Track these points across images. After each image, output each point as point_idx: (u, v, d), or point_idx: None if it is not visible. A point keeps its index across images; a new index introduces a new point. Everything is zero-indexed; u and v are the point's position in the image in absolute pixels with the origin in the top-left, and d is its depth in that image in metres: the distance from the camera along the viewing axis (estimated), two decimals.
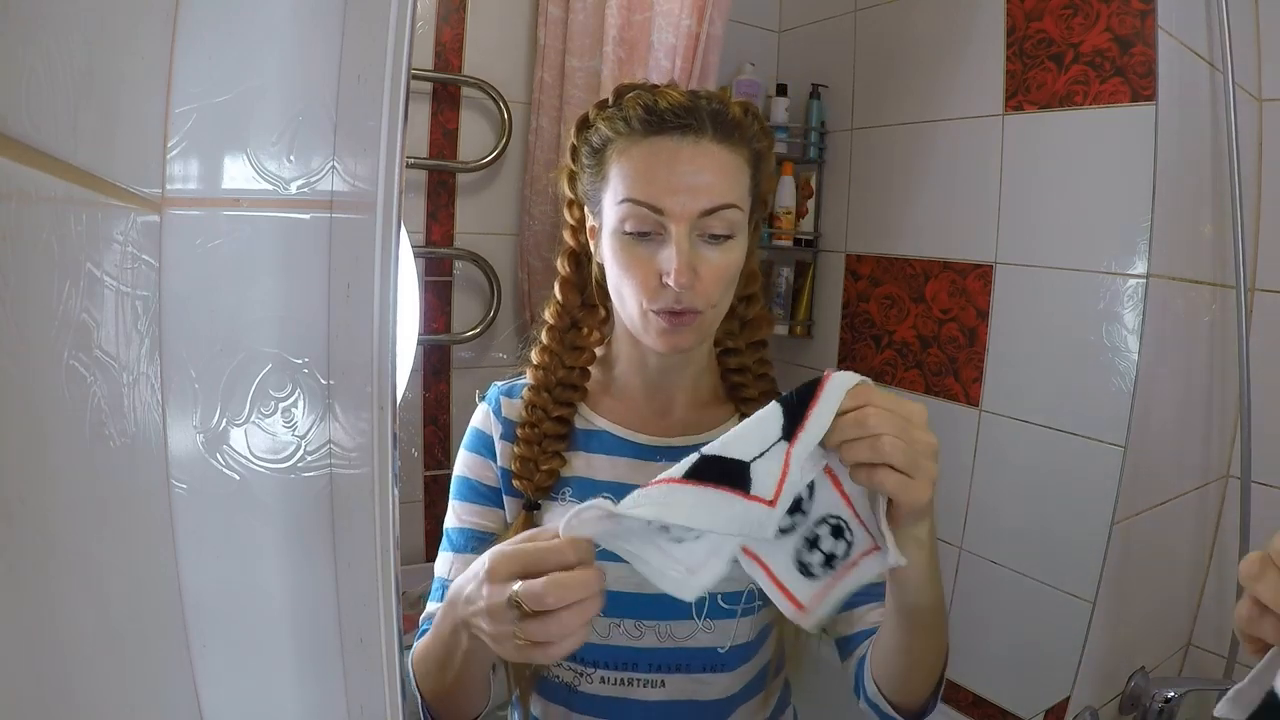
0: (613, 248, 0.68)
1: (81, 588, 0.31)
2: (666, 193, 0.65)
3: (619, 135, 0.68)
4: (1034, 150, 1.31)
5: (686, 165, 0.66)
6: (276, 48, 0.44)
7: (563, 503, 0.72)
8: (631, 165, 0.67)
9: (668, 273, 0.65)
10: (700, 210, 0.65)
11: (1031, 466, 1.32)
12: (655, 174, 0.66)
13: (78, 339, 0.31)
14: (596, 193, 0.71)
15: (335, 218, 0.46)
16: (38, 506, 0.28)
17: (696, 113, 0.66)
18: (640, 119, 0.67)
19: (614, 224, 0.67)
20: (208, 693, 0.44)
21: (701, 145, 0.66)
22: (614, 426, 0.76)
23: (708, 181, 0.66)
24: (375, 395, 0.41)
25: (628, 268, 0.67)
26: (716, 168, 0.66)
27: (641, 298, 0.67)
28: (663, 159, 0.66)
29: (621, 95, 0.72)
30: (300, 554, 0.47)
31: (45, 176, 0.28)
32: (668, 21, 1.25)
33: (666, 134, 0.66)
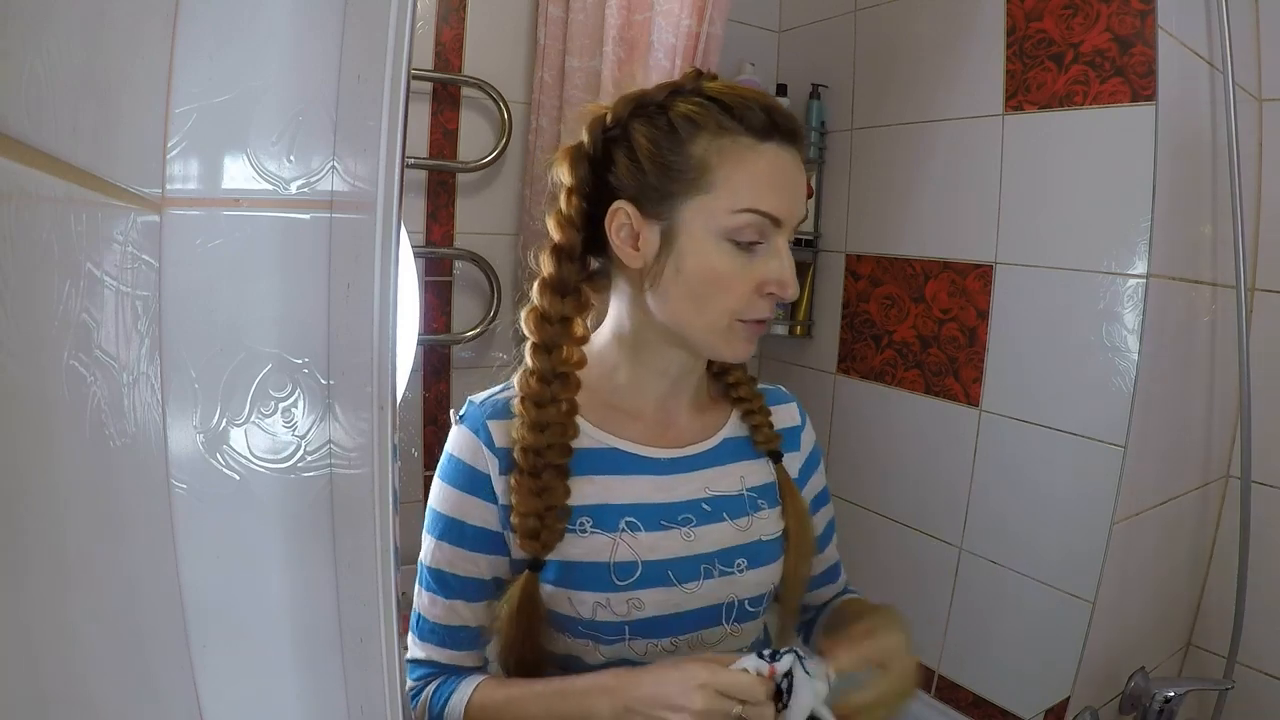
0: (708, 253, 0.63)
1: (81, 587, 0.31)
2: (787, 205, 0.64)
3: (723, 133, 0.63)
4: (1034, 150, 1.31)
5: (798, 177, 0.66)
6: (276, 48, 0.44)
7: (583, 535, 0.67)
8: (755, 173, 0.63)
9: (779, 282, 0.64)
10: (799, 221, 0.66)
11: (1031, 466, 1.32)
12: (778, 185, 0.64)
13: (78, 339, 0.31)
14: (658, 187, 0.64)
15: (335, 218, 0.46)
16: (38, 506, 0.28)
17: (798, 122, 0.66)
18: (761, 123, 0.63)
19: (717, 228, 0.63)
20: (208, 693, 0.44)
21: (799, 156, 0.66)
22: (623, 443, 0.71)
23: (804, 193, 0.67)
24: (375, 395, 0.41)
25: (728, 278, 0.63)
26: (805, 179, 0.67)
27: (734, 307, 0.64)
28: (785, 170, 0.64)
29: (699, 83, 0.66)
30: (300, 554, 0.47)
31: (45, 176, 0.28)
32: (668, 21, 1.25)
33: (780, 142, 0.64)
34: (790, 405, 0.82)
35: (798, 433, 0.81)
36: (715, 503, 0.71)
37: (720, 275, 0.64)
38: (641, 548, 0.68)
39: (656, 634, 0.69)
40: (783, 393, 0.83)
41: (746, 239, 0.63)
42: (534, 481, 0.66)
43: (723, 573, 0.70)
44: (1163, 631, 1.40)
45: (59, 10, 0.30)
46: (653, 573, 0.68)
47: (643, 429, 0.72)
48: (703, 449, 0.73)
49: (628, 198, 0.65)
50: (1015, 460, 1.35)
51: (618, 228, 0.66)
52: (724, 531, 0.71)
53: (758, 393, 0.79)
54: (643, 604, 0.67)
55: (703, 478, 0.72)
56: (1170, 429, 1.27)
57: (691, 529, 0.70)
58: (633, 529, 0.68)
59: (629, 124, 0.66)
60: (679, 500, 0.70)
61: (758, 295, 0.64)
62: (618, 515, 0.68)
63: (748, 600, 0.72)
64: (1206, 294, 1.30)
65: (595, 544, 0.67)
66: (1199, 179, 1.23)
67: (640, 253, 0.66)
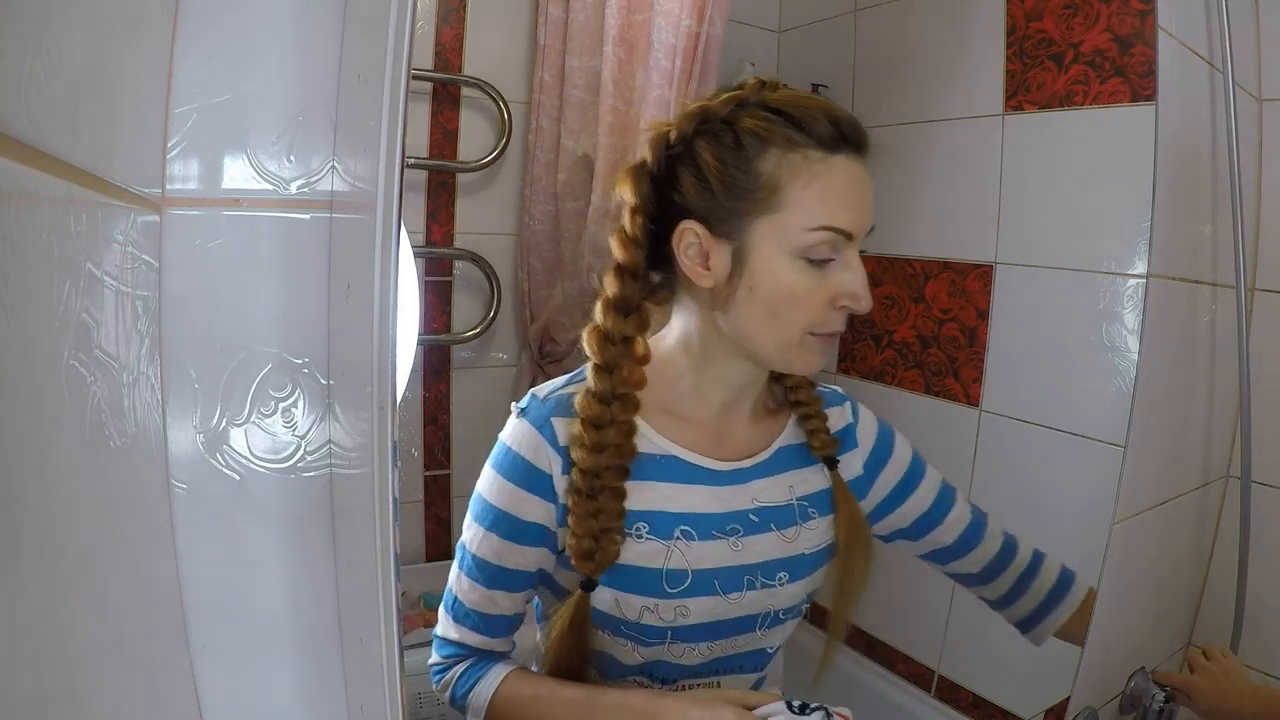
0: (782, 272, 0.62)
1: (81, 587, 0.31)
2: (858, 218, 0.63)
3: (792, 148, 0.61)
4: (1034, 150, 1.31)
5: (867, 187, 0.64)
6: (276, 48, 0.44)
7: (638, 540, 0.67)
8: (826, 189, 0.61)
9: (852, 295, 0.63)
10: (869, 231, 0.64)
11: (1031, 466, 1.32)
12: (849, 200, 0.62)
13: (78, 339, 0.31)
14: (727, 207, 0.62)
15: (335, 218, 0.46)
16: (38, 506, 0.28)
17: (865, 130, 0.64)
18: (830, 134, 0.61)
19: (791, 247, 0.62)
20: (208, 693, 0.44)
21: (865, 164, 0.64)
22: (684, 451, 0.70)
23: (872, 201, 0.65)
24: (375, 395, 0.41)
25: (803, 294, 0.62)
26: (872, 186, 0.65)
27: (808, 322, 0.63)
28: (855, 183, 0.63)
29: (763, 94, 0.64)
30: (300, 554, 0.47)
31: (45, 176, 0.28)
32: (668, 21, 1.25)
33: (848, 153, 0.63)
34: (844, 406, 0.81)
35: (852, 430, 0.80)
36: (762, 513, 0.71)
37: (795, 293, 0.62)
38: (693, 557, 0.68)
39: (696, 639, 0.70)
40: (837, 394, 0.82)
41: (820, 256, 0.62)
42: (591, 503, 0.65)
43: (764, 584, 0.71)
44: (1163, 631, 1.40)
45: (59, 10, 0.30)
46: (701, 582, 0.68)
47: (702, 437, 0.71)
48: (757, 460, 0.73)
49: (695, 217, 0.64)
50: (1015, 460, 1.35)
51: (686, 247, 0.65)
52: (770, 542, 0.71)
53: (816, 397, 0.77)
54: (689, 612, 0.68)
55: (753, 489, 0.72)
56: (1170, 429, 1.26)
57: (739, 539, 0.70)
58: (687, 537, 0.68)
59: (693, 141, 0.64)
60: (729, 510, 0.70)
61: (831, 308, 0.64)
62: (674, 523, 0.68)
63: (782, 610, 0.73)
64: (1206, 294, 1.30)
65: (649, 550, 0.67)
66: (1199, 179, 1.23)
67: (711, 273, 0.64)
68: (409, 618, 1.23)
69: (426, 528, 1.48)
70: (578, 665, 0.69)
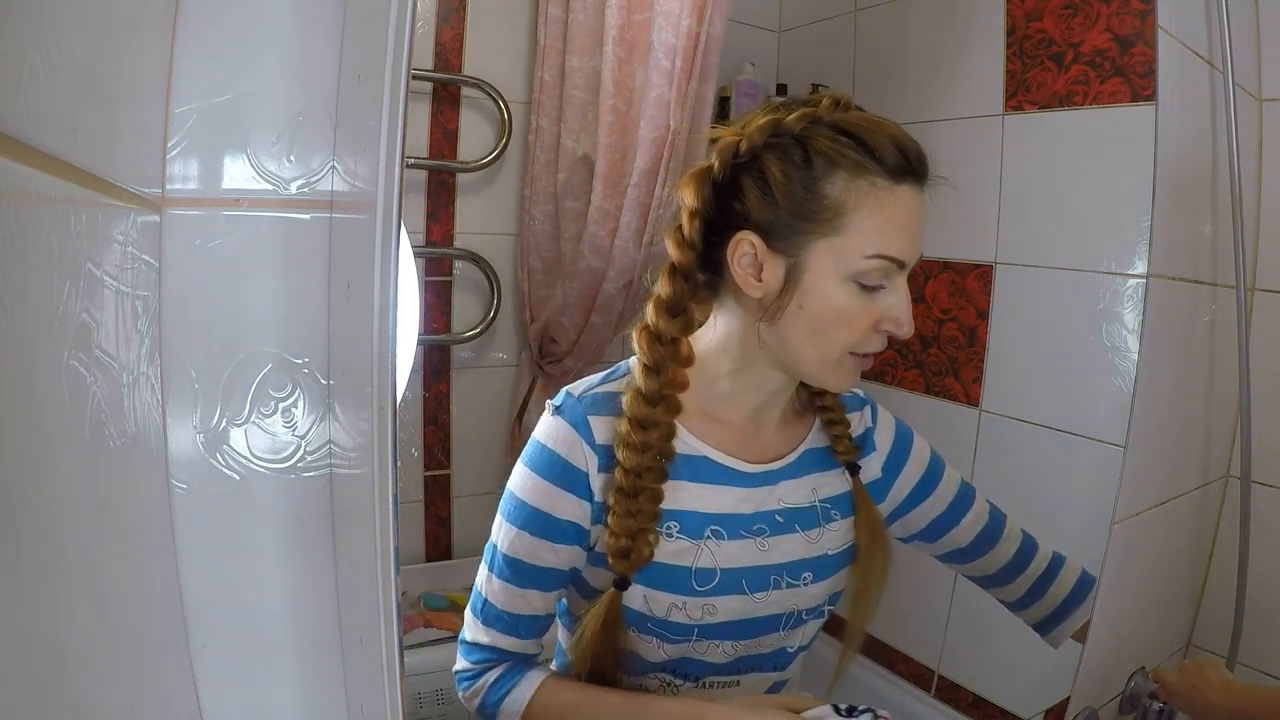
0: (833, 294, 0.63)
1: (81, 588, 0.31)
2: (913, 248, 0.64)
3: (860, 175, 0.62)
4: (1034, 150, 1.31)
5: (922, 219, 0.65)
6: (276, 48, 0.44)
7: (669, 538, 0.68)
8: (888, 219, 0.62)
9: (896, 321, 0.64)
10: (918, 261, 0.66)
11: (1031, 466, 1.32)
12: (907, 231, 0.64)
13: (78, 339, 0.31)
14: (789, 225, 0.63)
15: (335, 218, 0.46)
16: (38, 506, 0.28)
17: (928, 162, 0.65)
18: (898, 163, 0.62)
19: (846, 271, 0.62)
20: (208, 693, 0.44)
21: (923, 195, 0.66)
22: (715, 453, 0.71)
23: (923, 231, 0.66)
24: (375, 395, 0.41)
25: (850, 316, 0.63)
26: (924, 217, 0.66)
27: (851, 342, 0.65)
28: (913, 213, 0.64)
29: (836, 115, 0.64)
30: (300, 554, 0.47)
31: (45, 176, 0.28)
32: (668, 21, 1.25)
33: (911, 183, 0.64)
34: (864, 410, 0.82)
35: (870, 434, 0.81)
36: (787, 514, 0.72)
37: (842, 314, 0.63)
38: (721, 556, 0.69)
39: (721, 637, 0.71)
40: (857, 397, 0.83)
41: (872, 282, 0.63)
42: (631, 502, 0.65)
43: (789, 584, 0.72)
44: (1163, 631, 1.40)
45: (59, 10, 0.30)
46: (729, 581, 0.69)
47: (733, 438, 0.72)
48: (785, 463, 0.74)
49: (753, 228, 0.64)
50: (1015, 460, 1.35)
51: (740, 256, 0.65)
52: (795, 543, 0.72)
53: (840, 403, 0.79)
54: (716, 610, 0.69)
55: (779, 491, 0.73)
56: (1170, 429, 1.26)
57: (765, 539, 0.71)
58: (716, 537, 0.69)
59: (762, 154, 0.64)
60: (756, 511, 0.71)
61: (873, 331, 0.65)
62: (704, 523, 0.69)
63: (805, 610, 0.74)
64: (1206, 294, 1.29)
65: (679, 548, 0.68)
66: (1199, 179, 1.23)
67: (762, 284, 0.65)
68: (409, 618, 1.23)
69: (426, 528, 1.48)
70: (610, 665, 0.69)
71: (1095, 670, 1.18)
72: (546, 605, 0.72)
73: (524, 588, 0.70)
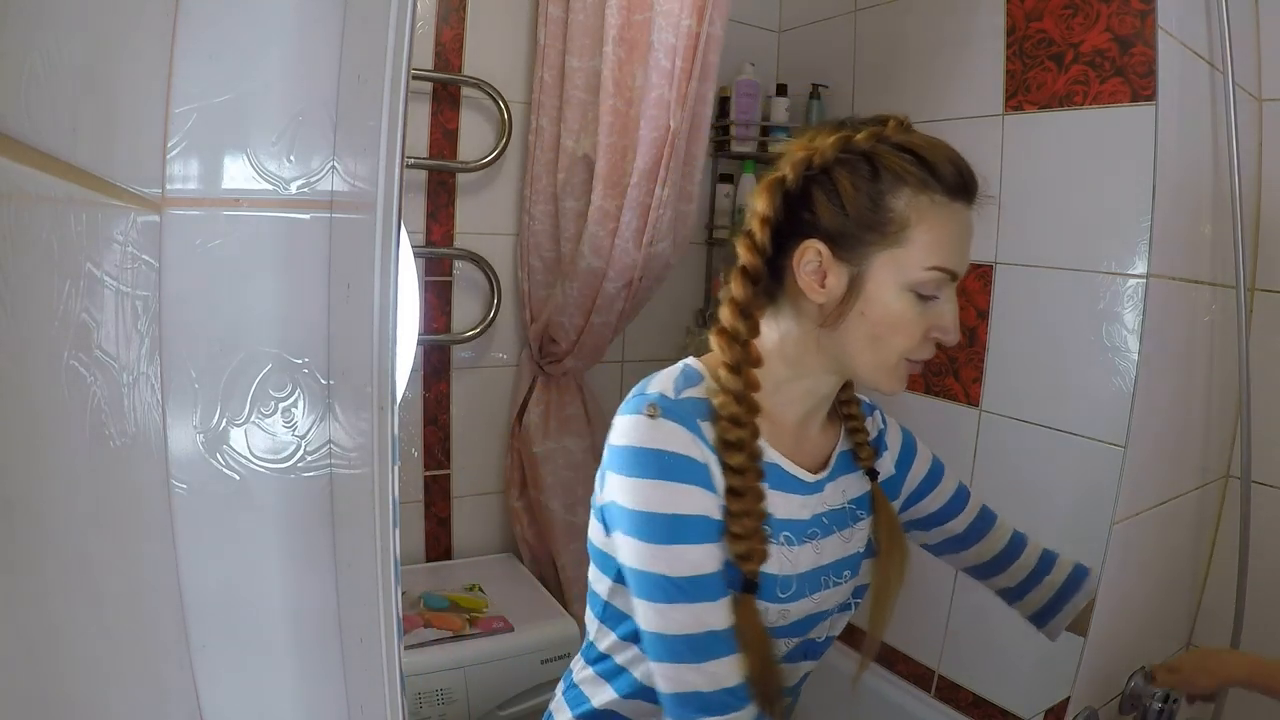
0: (892, 302, 0.67)
1: (81, 588, 0.31)
2: (965, 261, 0.69)
3: (923, 191, 0.66)
4: (1034, 150, 1.31)
5: (972, 236, 0.70)
6: (276, 48, 0.44)
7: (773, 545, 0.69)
8: (944, 233, 0.67)
9: (946, 330, 0.68)
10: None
11: (1031, 466, 1.32)
12: (961, 245, 0.69)
13: (78, 339, 0.31)
14: (856, 235, 0.67)
15: (335, 218, 0.46)
16: (37, 506, 0.28)
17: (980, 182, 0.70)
18: (956, 182, 0.67)
19: (906, 281, 0.67)
20: (208, 693, 0.44)
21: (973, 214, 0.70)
22: (782, 459, 0.73)
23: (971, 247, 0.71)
24: (375, 395, 0.41)
25: (907, 323, 0.68)
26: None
27: (906, 349, 0.69)
28: (967, 229, 0.69)
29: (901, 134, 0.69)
30: (300, 554, 0.47)
31: (45, 176, 0.28)
32: (668, 21, 1.25)
33: (965, 201, 0.68)
34: (874, 414, 0.87)
35: (883, 435, 0.86)
36: (830, 516, 0.76)
37: (900, 322, 0.67)
38: (793, 562, 0.71)
39: (787, 636, 0.73)
40: (866, 403, 0.87)
41: (928, 292, 0.67)
42: (742, 502, 0.66)
43: (834, 583, 0.75)
44: (1163, 631, 1.40)
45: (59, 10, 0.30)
46: (800, 585, 0.72)
47: (789, 443, 0.75)
48: (829, 469, 0.77)
49: (821, 237, 0.68)
50: (1015, 460, 1.35)
51: (805, 263, 0.68)
52: (836, 543, 0.75)
53: (861, 411, 0.83)
54: (788, 614, 0.71)
55: (824, 495, 0.76)
56: (1170, 429, 1.26)
57: (818, 542, 0.74)
58: (788, 543, 0.71)
59: (833, 168, 0.68)
60: (812, 515, 0.74)
61: (925, 338, 0.69)
62: (779, 529, 0.71)
63: (839, 605, 0.78)
64: (1206, 294, 1.29)
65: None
66: (1199, 179, 1.23)
67: (825, 290, 0.68)
68: (409, 618, 1.23)
69: (426, 528, 1.48)
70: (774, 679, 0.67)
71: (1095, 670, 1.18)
72: (721, 619, 0.65)
73: (693, 601, 0.64)
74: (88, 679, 0.31)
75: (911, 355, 0.69)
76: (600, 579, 0.73)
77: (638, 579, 0.65)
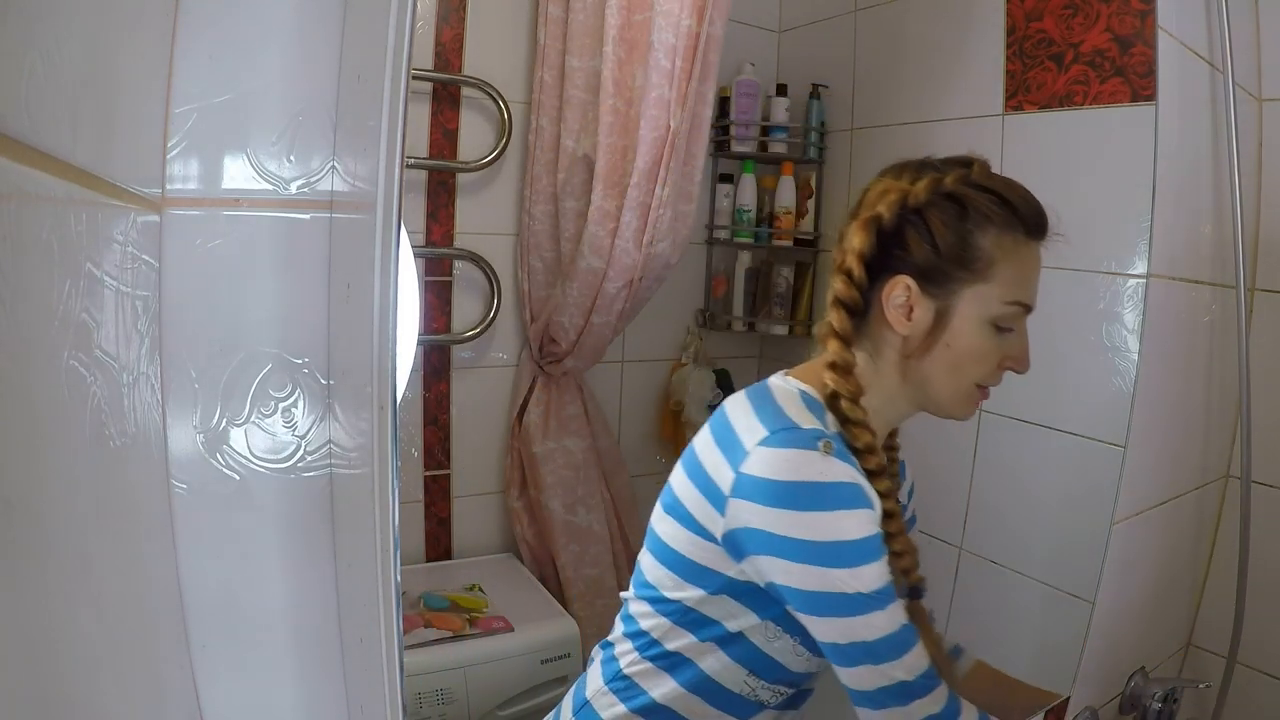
0: (975, 334, 0.72)
1: (81, 588, 0.31)
2: (1036, 297, 0.75)
3: (1007, 231, 0.72)
4: (1034, 150, 1.30)
5: (1040, 272, 0.76)
6: (276, 48, 0.44)
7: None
8: (1023, 270, 0.73)
9: (1019, 360, 0.75)
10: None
11: (1031, 466, 1.32)
12: (1035, 280, 0.75)
13: (78, 339, 0.31)
14: (945, 272, 0.72)
15: (335, 218, 0.46)
16: (37, 506, 0.28)
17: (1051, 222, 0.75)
18: (1033, 223, 0.73)
19: (988, 315, 0.72)
20: (208, 693, 0.44)
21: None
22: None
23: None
24: (375, 395, 0.41)
25: (986, 354, 0.73)
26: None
27: (980, 377, 0.74)
28: (1039, 265, 0.75)
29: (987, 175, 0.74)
30: (300, 554, 0.47)
31: (45, 176, 0.28)
32: (668, 21, 1.25)
33: (1039, 240, 0.74)
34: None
35: (903, 466, 0.90)
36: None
37: (980, 352, 0.73)
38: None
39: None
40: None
41: (1006, 324, 0.72)
42: (894, 522, 0.72)
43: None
44: (1163, 631, 1.40)
45: (59, 10, 0.30)
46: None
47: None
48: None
49: (910, 273, 0.72)
50: (1015, 460, 1.35)
51: (894, 298, 0.73)
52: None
53: (897, 443, 0.87)
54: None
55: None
56: (1170, 429, 1.26)
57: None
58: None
59: (926, 208, 0.72)
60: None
61: (998, 368, 0.74)
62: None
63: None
64: (1206, 294, 1.29)
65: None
66: (1199, 179, 1.23)
67: (911, 324, 0.73)
68: (409, 618, 1.23)
69: (426, 528, 1.48)
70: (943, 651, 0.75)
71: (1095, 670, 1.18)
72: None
73: (891, 604, 0.69)
74: (88, 679, 0.31)
75: (984, 383, 0.75)
76: (685, 587, 0.74)
77: (823, 600, 0.68)
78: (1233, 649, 1.31)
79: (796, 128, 1.67)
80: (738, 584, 0.71)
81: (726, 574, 0.71)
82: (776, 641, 0.74)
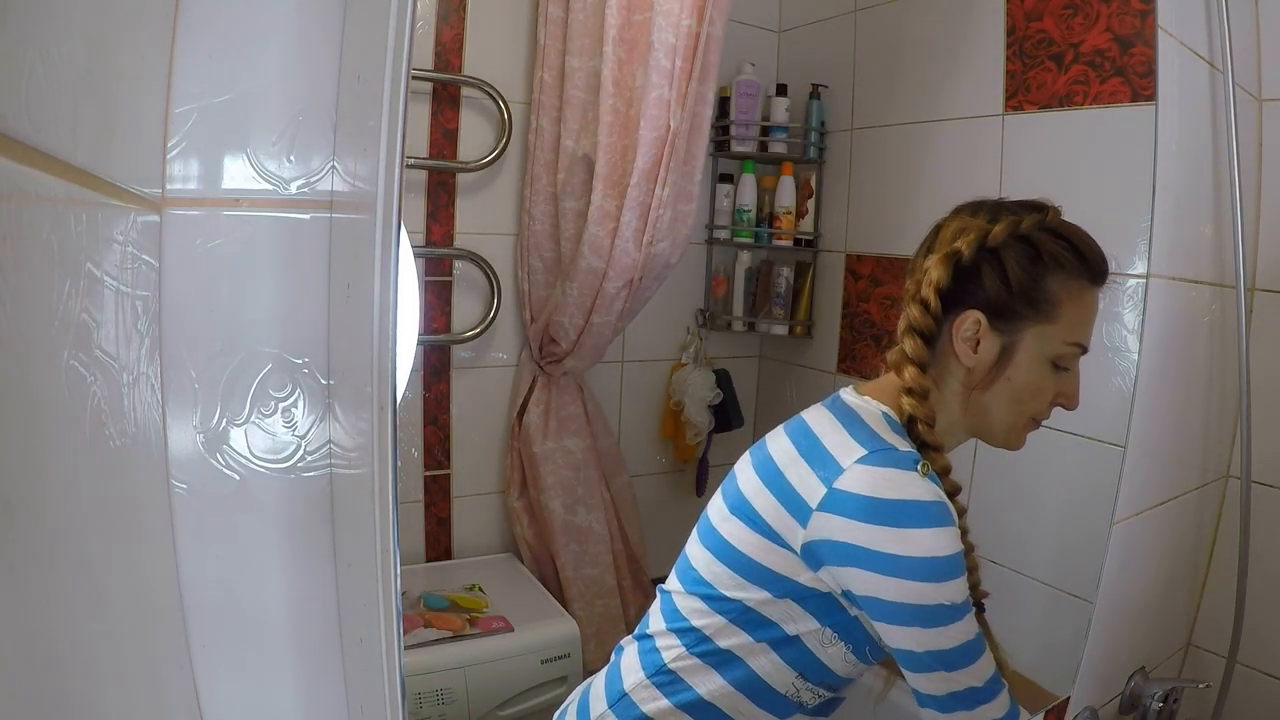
0: (1035, 370, 0.77)
1: (81, 587, 0.31)
2: (1090, 340, 0.79)
3: (1074, 275, 0.75)
4: (1034, 150, 1.30)
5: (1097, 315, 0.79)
6: (276, 48, 0.44)
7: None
8: (1084, 313, 0.77)
9: (1071, 397, 0.79)
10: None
11: (1031, 466, 1.31)
12: (1092, 324, 0.78)
13: (78, 339, 0.31)
14: (1015, 310, 0.75)
15: (335, 218, 0.46)
16: (37, 506, 0.28)
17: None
18: (1097, 270, 0.76)
19: (1049, 353, 0.76)
20: (208, 693, 0.44)
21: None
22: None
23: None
24: (375, 395, 0.41)
25: (1042, 389, 0.77)
26: None
27: (1035, 411, 0.79)
28: (1097, 310, 0.79)
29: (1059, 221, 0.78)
30: (300, 554, 0.47)
31: (45, 176, 0.28)
32: (668, 21, 1.25)
33: (1099, 286, 0.78)
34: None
35: None
36: None
37: (1038, 388, 0.77)
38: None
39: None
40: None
41: (1063, 363, 0.77)
42: (967, 540, 0.76)
43: None
44: (1163, 631, 1.40)
45: (59, 10, 0.30)
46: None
47: None
48: None
49: (981, 308, 0.76)
50: (1015, 460, 1.34)
51: (963, 330, 0.76)
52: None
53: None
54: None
55: None
56: (1170, 429, 1.26)
57: None
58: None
59: (1001, 249, 0.76)
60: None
61: (1051, 403, 0.79)
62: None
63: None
64: (1206, 294, 1.29)
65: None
66: (1199, 179, 1.23)
67: (977, 356, 0.77)
68: (409, 618, 1.23)
69: (426, 528, 1.48)
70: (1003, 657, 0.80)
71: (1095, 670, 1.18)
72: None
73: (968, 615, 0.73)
74: (88, 679, 0.31)
75: (1038, 417, 0.79)
76: (748, 588, 0.76)
77: (906, 611, 0.71)
78: (1233, 649, 1.31)
79: (796, 128, 1.67)
80: (805, 590, 0.74)
81: (797, 580, 0.74)
82: (830, 648, 0.77)
